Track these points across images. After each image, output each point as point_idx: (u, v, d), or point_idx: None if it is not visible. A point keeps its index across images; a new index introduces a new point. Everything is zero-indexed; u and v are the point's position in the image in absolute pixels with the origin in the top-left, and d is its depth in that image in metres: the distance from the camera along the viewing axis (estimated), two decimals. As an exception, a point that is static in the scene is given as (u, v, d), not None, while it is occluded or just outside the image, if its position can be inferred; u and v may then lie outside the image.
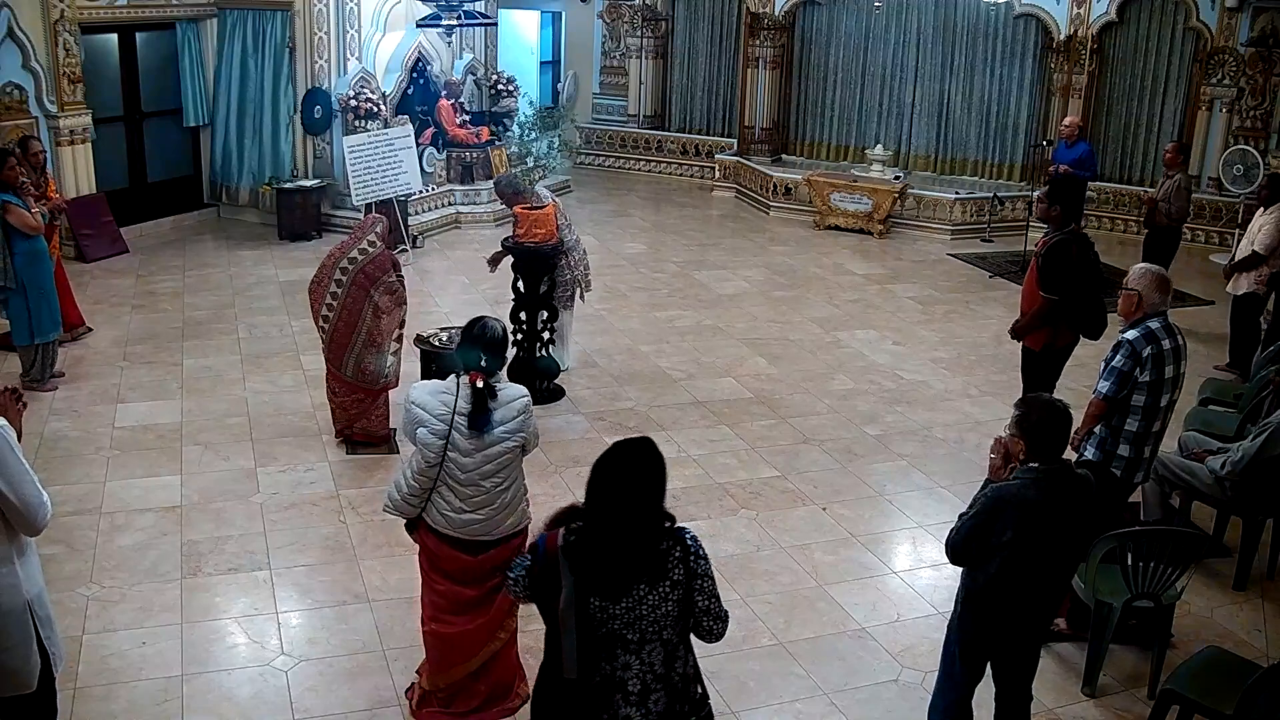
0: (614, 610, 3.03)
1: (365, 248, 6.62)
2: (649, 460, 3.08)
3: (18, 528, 3.45)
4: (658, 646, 3.09)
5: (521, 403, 4.24)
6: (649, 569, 3.06)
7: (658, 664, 3.10)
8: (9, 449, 3.35)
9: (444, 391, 4.19)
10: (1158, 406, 5.06)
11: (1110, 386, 5.04)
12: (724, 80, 16.28)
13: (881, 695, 4.87)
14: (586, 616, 3.03)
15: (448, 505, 4.22)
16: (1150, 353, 4.98)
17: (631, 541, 3.06)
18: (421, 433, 4.16)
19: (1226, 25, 12.88)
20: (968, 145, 14.78)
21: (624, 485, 3.04)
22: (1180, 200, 9.77)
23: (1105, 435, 5.15)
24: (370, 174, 11.27)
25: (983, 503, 3.86)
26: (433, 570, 4.40)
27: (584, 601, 3.02)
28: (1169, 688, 4.35)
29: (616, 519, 3.04)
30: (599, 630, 3.04)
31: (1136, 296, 5.13)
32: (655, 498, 3.08)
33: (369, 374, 6.72)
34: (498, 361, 4.26)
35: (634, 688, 3.08)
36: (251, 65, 12.28)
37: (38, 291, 7.61)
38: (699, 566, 3.13)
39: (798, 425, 7.69)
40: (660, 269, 11.56)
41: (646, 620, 3.05)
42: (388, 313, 6.68)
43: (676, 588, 3.08)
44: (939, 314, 10.41)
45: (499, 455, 4.18)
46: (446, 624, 4.41)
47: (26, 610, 3.49)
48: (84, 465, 6.64)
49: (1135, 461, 5.13)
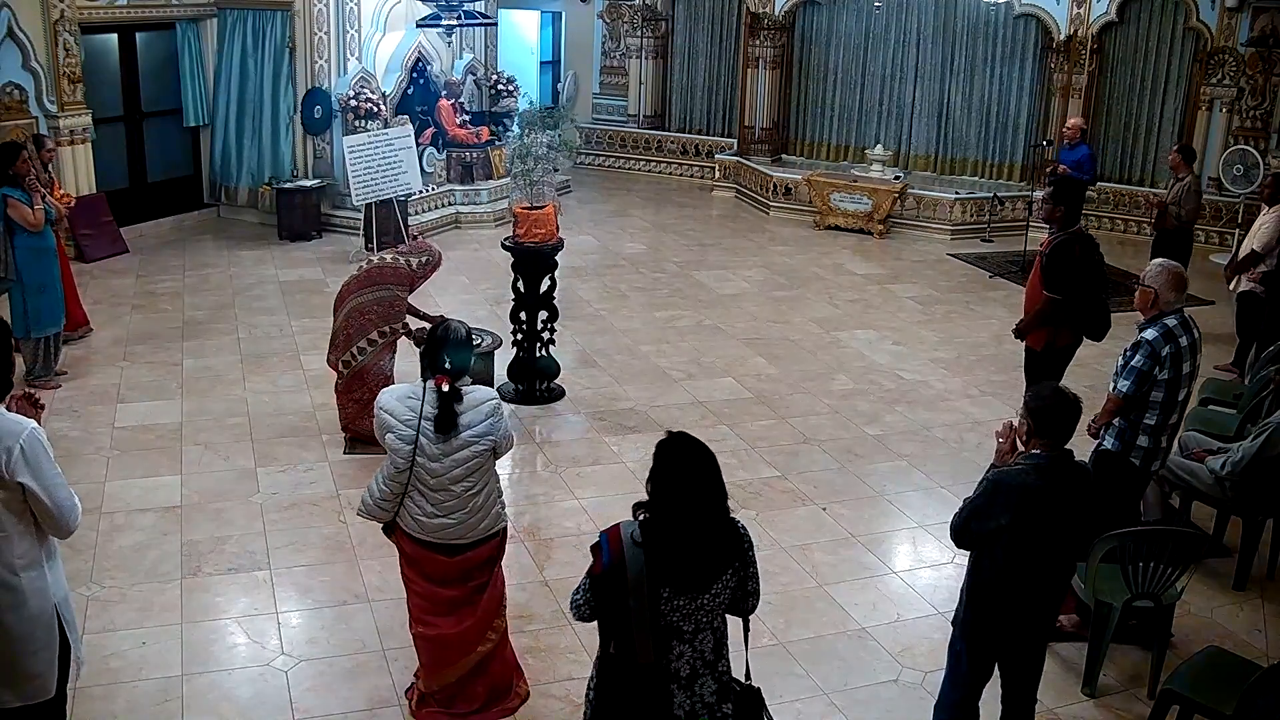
0: (678, 602, 3.12)
1: (402, 258, 6.81)
2: (705, 452, 3.17)
3: (49, 530, 3.44)
4: (709, 635, 3.21)
5: (490, 405, 4.22)
6: (727, 557, 3.17)
7: (708, 651, 3.21)
8: (43, 451, 3.34)
9: (410, 396, 4.19)
10: (1175, 401, 5.17)
11: (1129, 385, 5.11)
12: (724, 80, 16.28)
13: (881, 695, 4.87)
14: (656, 609, 3.10)
15: (420, 510, 4.21)
16: (1169, 351, 5.07)
17: (712, 531, 3.15)
18: (390, 438, 4.16)
19: (1226, 25, 12.88)
20: (968, 145, 14.77)
21: (695, 476, 3.12)
22: (1191, 203, 9.74)
23: (1124, 427, 5.24)
24: (370, 174, 11.28)
25: (984, 485, 3.91)
26: (412, 573, 4.41)
27: (655, 594, 3.09)
28: (1169, 688, 4.35)
29: (694, 510, 3.11)
30: (660, 623, 3.13)
31: (1153, 294, 5.17)
32: (720, 486, 3.16)
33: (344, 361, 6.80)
34: (464, 361, 4.25)
35: (684, 672, 3.19)
36: (251, 65, 12.28)
37: (37, 287, 7.62)
38: (751, 551, 3.27)
39: (798, 425, 7.68)
40: (660, 269, 11.56)
41: (705, 610, 3.16)
42: (378, 311, 6.69)
43: (735, 575, 3.20)
44: (939, 314, 10.41)
45: (468, 459, 4.17)
46: (431, 626, 4.41)
47: (54, 614, 3.48)
48: (84, 465, 6.63)
49: (1153, 451, 5.25)
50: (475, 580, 4.38)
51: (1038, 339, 6.71)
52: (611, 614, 3.19)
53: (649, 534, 3.12)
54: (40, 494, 3.32)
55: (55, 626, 3.49)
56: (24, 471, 3.28)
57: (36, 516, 3.38)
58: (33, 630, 3.42)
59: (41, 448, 3.34)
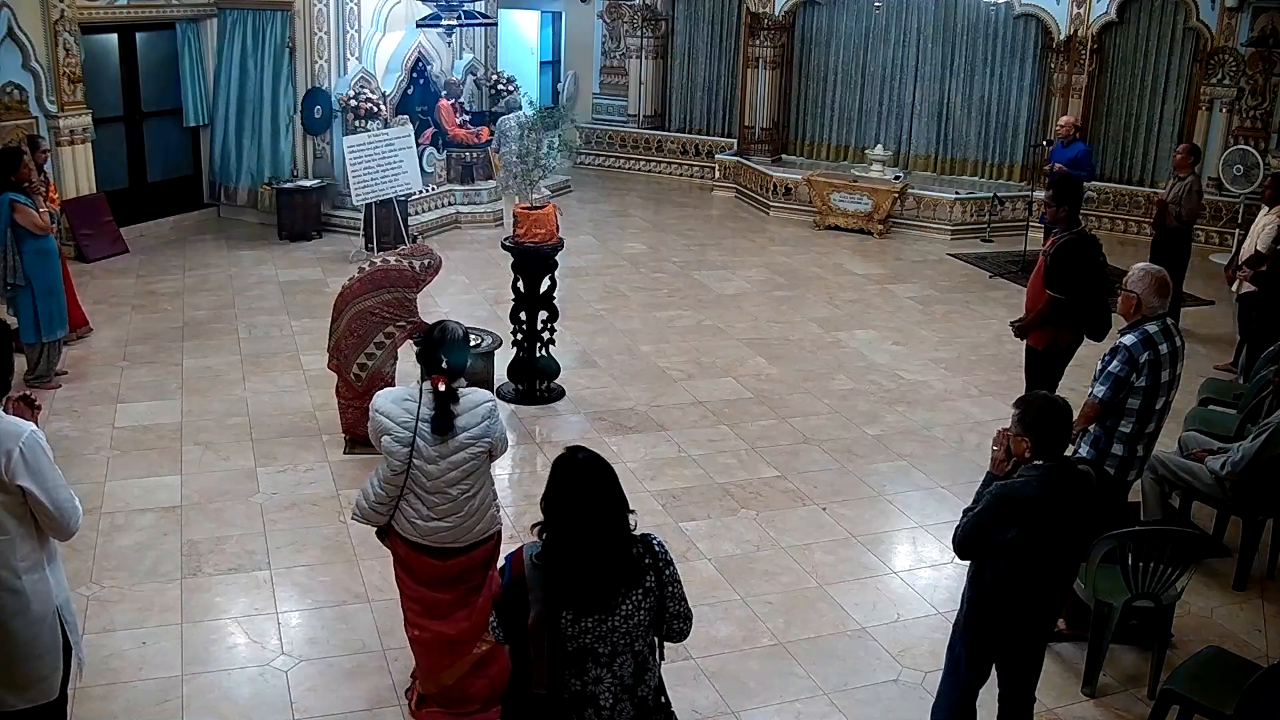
0: (585, 624, 2.99)
1: (405, 260, 6.77)
2: (602, 468, 3.06)
3: (50, 533, 3.44)
4: (629, 659, 3.06)
5: (486, 407, 4.21)
6: (627, 578, 3.04)
7: (628, 676, 3.07)
8: (43, 454, 3.34)
9: (406, 399, 4.18)
10: (1153, 409, 5.08)
11: (1106, 391, 5.04)
12: (724, 80, 16.28)
13: (881, 695, 4.87)
14: (557, 632, 2.99)
15: (415, 513, 4.20)
16: (1147, 359, 4.99)
17: (609, 551, 3.03)
18: (386, 440, 4.14)
19: (1226, 25, 12.88)
20: (968, 145, 14.77)
21: (590, 495, 3.01)
22: (1191, 203, 9.72)
23: (1099, 434, 5.17)
24: (370, 174, 11.28)
25: (987, 500, 3.87)
26: (406, 576, 4.39)
27: (554, 617, 2.99)
28: (1169, 688, 4.35)
29: (589, 530, 3.00)
30: (569, 645, 3.01)
31: (1135, 299, 5.13)
32: (621, 504, 3.05)
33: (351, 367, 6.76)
34: (460, 362, 4.24)
35: (605, 701, 3.05)
36: (251, 65, 12.28)
37: (45, 290, 7.66)
38: (670, 571, 3.12)
39: (798, 425, 7.68)
40: (660, 269, 11.56)
41: (619, 632, 3.02)
42: (384, 313, 6.68)
43: (649, 595, 3.07)
44: (939, 314, 10.41)
45: (465, 462, 4.16)
46: (425, 629, 4.40)
47: (56, 617, 3.48)
48: (84, 465, 6.63)
49: (1129, 460, 5.16)
50: (469, 583, 4.37)
51: (1039, 338, 6.71)
52: (515, 638, 3.11)
53: (546, 555, 3.04)
54: (41, 497, 3.32)
55: (58, 629, 3.49)
56: (24, 474, 3.28)
57: (37, 519, 3.38)
58: (37, 633, 3.42)
59: (41, 450, 3.34)
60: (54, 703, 3.56)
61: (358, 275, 6.82)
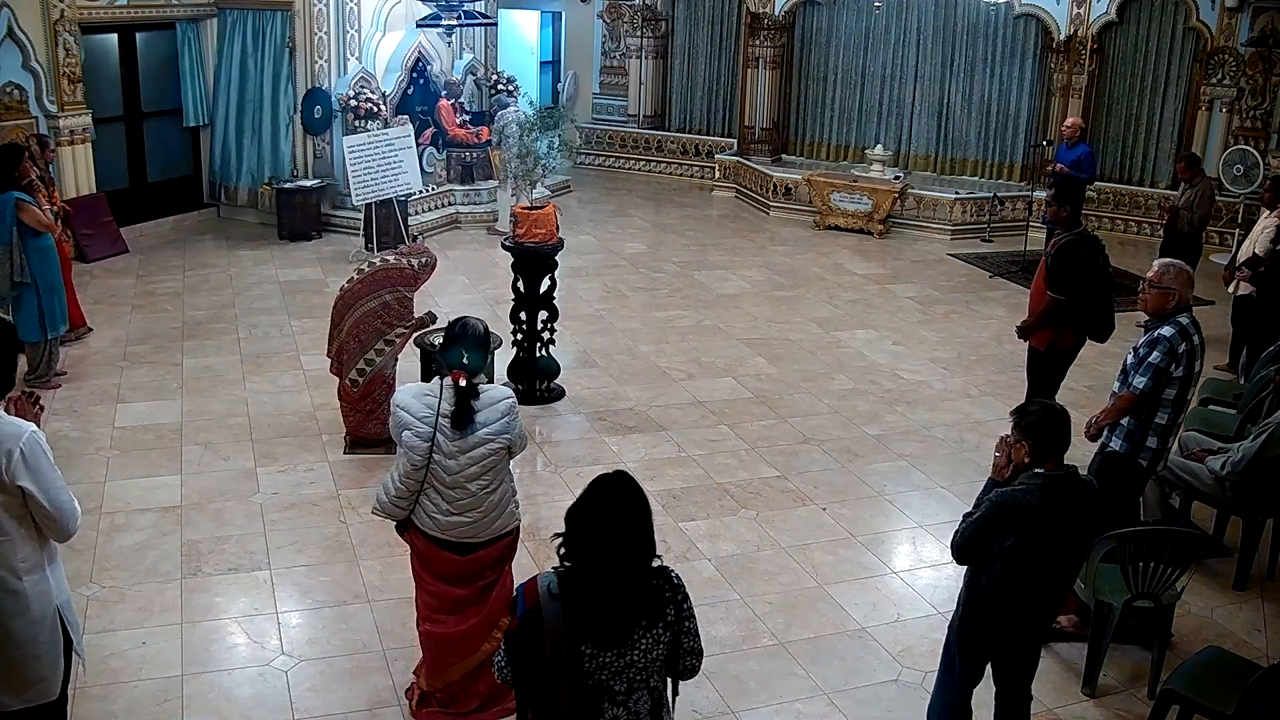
0: (604, 659, 2.88)
1: (404, 259, 6.77)
2: (635, 494, 2.93)
3: (49, 534, 3.44)
4: (645, 695, 2.96)
5: (506, 404, 4.23)
6: (648, 610, 2.93)
7: (644, 713, 2.96)
8: (43, 455, 3.33)
9: (427, 394, 4.19)
10: (1184, 400, 5.18)
11: (1147, 382, 5.07)
12: (724, 80, 16.28)
13: (881, 695, 4.87)
14: (576, 668, 2.87)
15: (435, 508, 4.22)
16: (1185, 349, 5.07)
17: (630, 583, 2.91)
18: (407, 436, 4.16)
19: (1226, 25, 12.88)
20: (968, 145, 14.77)
21: (616, 523, 2.88)
22: (1204, 208, 9.76)
23: (1134, 427, 5.20)
24: (370, 174, 11.28)
25: (986, 508, 3.86)
26: (423, 571, 4.41)
27: (575, 651, 2.87)
28: (1169, 688, 4.35)
29: (613, 560, 2.88)
30: (586, 681, 2.89)
31: (1174, 294, 5.14)
32: (648, 534, 2.93)
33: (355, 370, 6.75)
34: (480, 359, 4.25)
35: None
36: (251, 65, 12.28)
37: (48, 287, 7.68)
38: (688, 605, 3.02)
39: (798, 425, 7.68)
40: (660, 269, 11.56)
41: (637, 667, 2.92)
42: (386, 316, 6.67)
43: (669, 629, 2.96)
44: (939, 314, 10.41)
45: (484, 457, 4.17)
46: (439, 623, 4.42)
47: (57, 617, 3.48)
48: (84, 465, 6.63)
49: (1160, 453, 5.26)
50: (485, 579, 4.39)
51: (1041, 339, 6.71)
52: (529, 673, 2.94)
53: (567, 586, 2.90)
54: (40, 498, 3.32)
55: (59, 630, 3.49)
56: (24, 475, 3.28)
57: (36, 520, 3.38)
58: (37, 634, 3.42)
59: (41, 451, 3.33)
60: (54, 703, 3.56)
61: (358, 276, 6.81)
